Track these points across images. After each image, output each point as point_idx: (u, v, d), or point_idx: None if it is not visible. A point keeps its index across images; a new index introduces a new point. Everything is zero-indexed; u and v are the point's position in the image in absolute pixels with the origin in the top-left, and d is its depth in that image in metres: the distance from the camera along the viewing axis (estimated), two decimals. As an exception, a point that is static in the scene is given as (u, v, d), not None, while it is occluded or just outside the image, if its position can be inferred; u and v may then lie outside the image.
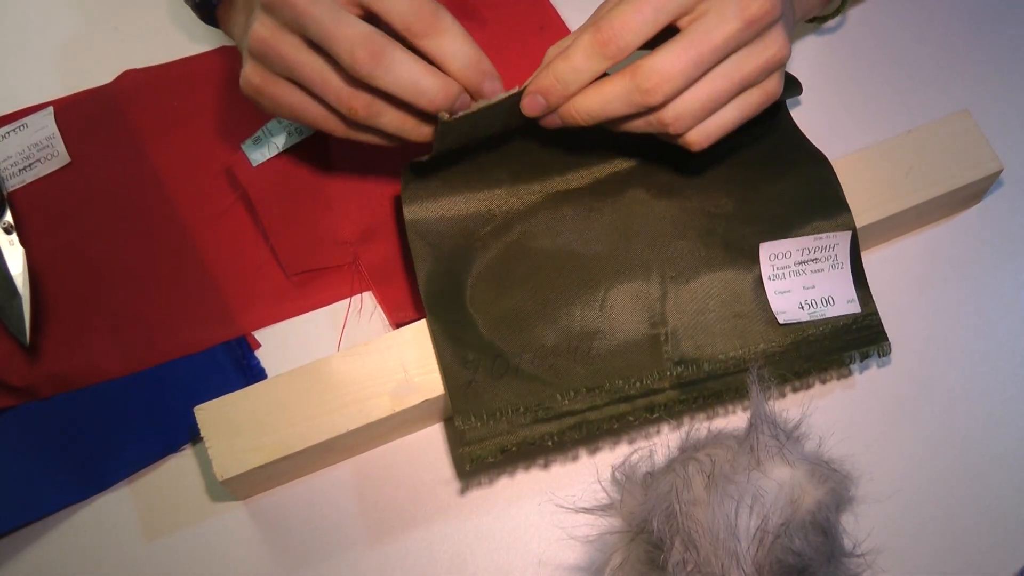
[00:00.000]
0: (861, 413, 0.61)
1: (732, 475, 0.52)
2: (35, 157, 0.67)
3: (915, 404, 0.62)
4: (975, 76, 0.70)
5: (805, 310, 0.59)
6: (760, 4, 0.52)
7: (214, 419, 0.57)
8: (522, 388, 0.57)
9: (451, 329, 0.57)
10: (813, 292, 0.59)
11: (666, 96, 0.52)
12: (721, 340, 0.58)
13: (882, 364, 0.63)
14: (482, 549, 0.59)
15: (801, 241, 0.60)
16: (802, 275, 0.59)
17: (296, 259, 0.64)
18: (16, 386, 0.61)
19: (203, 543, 0.59)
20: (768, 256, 0.59)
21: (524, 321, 0.58)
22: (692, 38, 0.52)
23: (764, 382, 0.55)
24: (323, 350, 0.63)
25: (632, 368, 0.57)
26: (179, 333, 0.63)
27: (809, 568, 0.50)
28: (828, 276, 0.60)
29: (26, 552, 0.59)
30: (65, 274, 0.64)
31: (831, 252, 0.60)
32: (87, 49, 0.72)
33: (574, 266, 0.59)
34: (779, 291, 0.59)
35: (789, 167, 0.62)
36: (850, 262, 0.60)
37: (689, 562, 0.50)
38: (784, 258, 0.59)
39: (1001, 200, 0.67)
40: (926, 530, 0.59)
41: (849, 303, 0.59)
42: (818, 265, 0.60)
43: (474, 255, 0.60)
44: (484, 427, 0.56)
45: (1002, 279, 0.65)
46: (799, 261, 0.59)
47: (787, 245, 0.59)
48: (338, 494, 0.60)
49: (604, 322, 0.58)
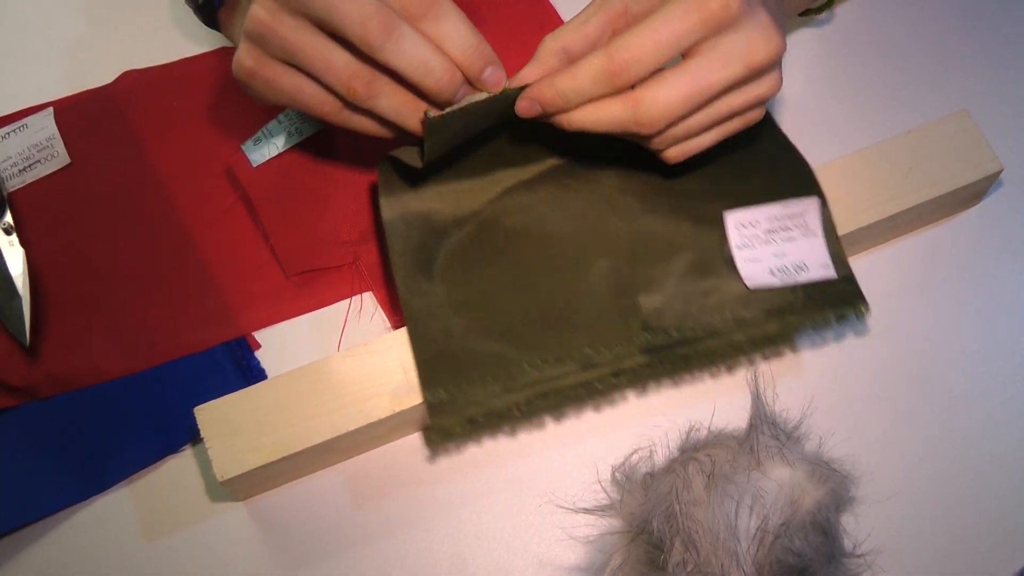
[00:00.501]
0: (861, 413, 0.61)
1: (732, 475, 0.52)
2: (35, 158, 0.67)
3: (915, 404, 0.62)
4: (975, 76, 0.70)
5: (776, 276, 0.58)
6: (766, 53, 0.53)
7: (214, 419, 0.57)
8: (490, 359, 0.57)
9: (422, 304, 0.58)
10: (785, 259, 0.59)
11: (660, 128, 0.54)
12: (690, 308, 0.58)
13: (882, 364, 0.63)
14: (482, 549, 0.59)
15: (768, 209, 0.60)
16: (772, 243, 0.59)
17: (296, 259, 0.64)
18: (16, 386, 0.61)
19: (203, 544, 0.59)
20: (735, 225, 0.59)
21: (493, 295, 0.59)
22: (695, 75, 0.52)
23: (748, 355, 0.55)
24: (323, 350, 0.63)
25: (601, 337, 0.58)
26: (179, 333, 0.63)
27: (809, 568, 0.50)
28: (800, 244, 0.59)
29: (26, 552, 0.59)
30: (65, 274, 0.64)
31: (801, 220, 0.59)
32: (87, 49, 0.72)
33: (544, 242, 0.60)
34: (749, 259, 0.59)
35: (759, 152, 0.63)
36: (822, 229, 0.59)
37: (689, 562, 0.50)
38: (752, 227, 0.59)
39: (1001, 200, 0.67)
40: (926, 530, 0.59)
41: (823, 268, 0.59)
42: (789, 233, 0.59)
43: (447, 233, 0.60)
44: (451, 399, 0.56)
45: (1002, 279, 0.65)
46: (768, 230, 0.59)
47: (754, 214, 0.59)
48: (338, 494, 0.60)
49: (573, 294, 0.58)
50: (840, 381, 0.62)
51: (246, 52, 0.55)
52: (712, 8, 0.51)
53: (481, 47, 0.54)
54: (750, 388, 0.55)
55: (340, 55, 0.53)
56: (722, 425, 0.59)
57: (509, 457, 0.61)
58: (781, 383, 0.61)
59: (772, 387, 0.59)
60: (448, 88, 0.54)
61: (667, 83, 0.53)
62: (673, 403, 0.61)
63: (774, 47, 0.53)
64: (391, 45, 0.52)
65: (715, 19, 0.52)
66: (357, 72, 0.53)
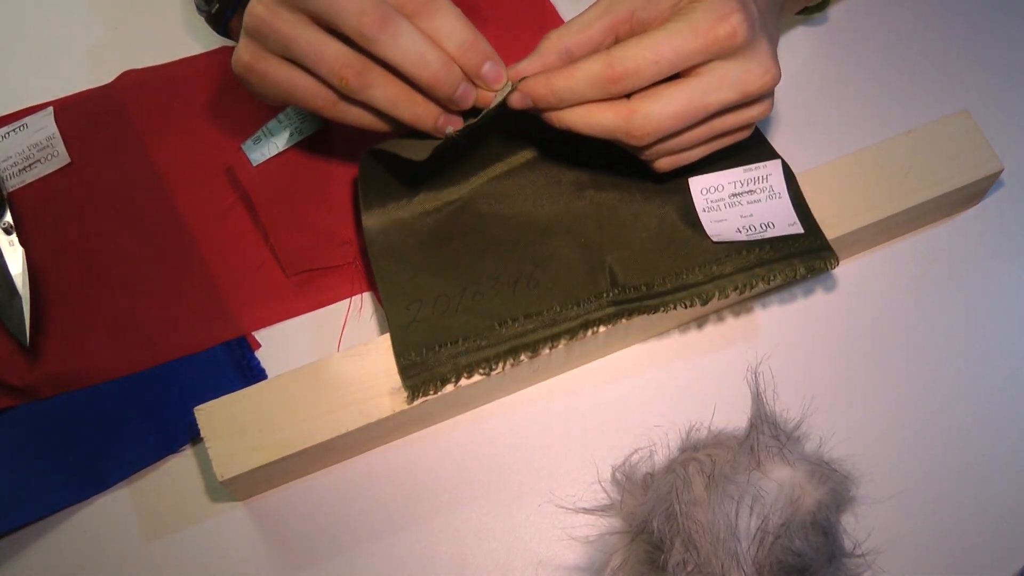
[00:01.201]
0: (861, 413, 0.61)
1: (732, 475, 0.52)
2: (35, 157, 0.67)
3: (915, 404, 0.62)
4: (975, 76, 0.70)
5: (743, 233, 0.60)
6: (762, 83, 0.54)
7: (214, 419, 0.57)
8: (461, 322, 0.58)
9: (397, 278, 0.59)
10: (751, 219, 0.60)
11: (651, 142, 0.54)
12: (658, 265, 0.59)
13: (882, 363, 0.63)
14: (482, 549, 0.59)
15: (731, 174, 0.61)
16: (738, 206, 0.60)
17: (296, 259, 0.64)
18: (16, 386, 0.61)
19: (203, 543, 0.59)
20: (700, 191, 0.61)
21: (466, 264, 0.60)
22: (691, 96, 0.53)
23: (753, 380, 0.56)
24: (323, 350, 0.63)
25: (570, 296, 0.59)
26: (179, 333, 0.63)
27: (809, 568, 0.50)
28: (766, 206, 0.60)
29: (26, 552, 0.59)
30: (65, 274, 0.64)
31: (765, 183, 0.60)
32: (87, 49, 0.72)
33: (515, 217, 0.62)
34: (715, 221, 0.60)
35: None
36: (788, 191, 0.60)
37: (689, 562, 0.50)
38: (717, 191, 0.61)
39: (1001, 200, 0.67)
40: (926, 530, 0.59)
41: (790, 225, 0.60)
42: (754, 196, 0.60)
43: (425, 222, 0.62)
44: (422, 360, 0.57)
45: (1002, 279, 0.65)
46: (733, 193, 0.61)
47: (717, 179, 0.61)
48: (338, 494, 0.60)
49: (543, 258, 0.60)
50: (840, 381, 0.62)
51: (244, 47, 0.55)
52: (719, 34, 0.52)
53: (478, 42, 0.54)
54: (750, 388, 0.55)
55: (333, 45, 0.54)
56: (722, 425, 0.59)
57: (509, 457, 0.61)
58: (781, 383, 0.61)
59: (772, 387, 0.59)
60: (445, 81, 0.54)
61: (662, 99, 0.53)
62: (673, 403, 0.61)
63: (770, 78, 0.54)
64: (387, 38, 0.52)
65: (720, 45, 0.52)
66: (349, 62, 0.54)
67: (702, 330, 0.64)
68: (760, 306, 0.64)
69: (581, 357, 0.62)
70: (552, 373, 0.62)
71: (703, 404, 0.61)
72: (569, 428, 0.61)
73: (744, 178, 0.61)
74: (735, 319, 0.64)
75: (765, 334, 0.63)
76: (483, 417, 0.62)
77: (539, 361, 0.59)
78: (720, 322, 0.64)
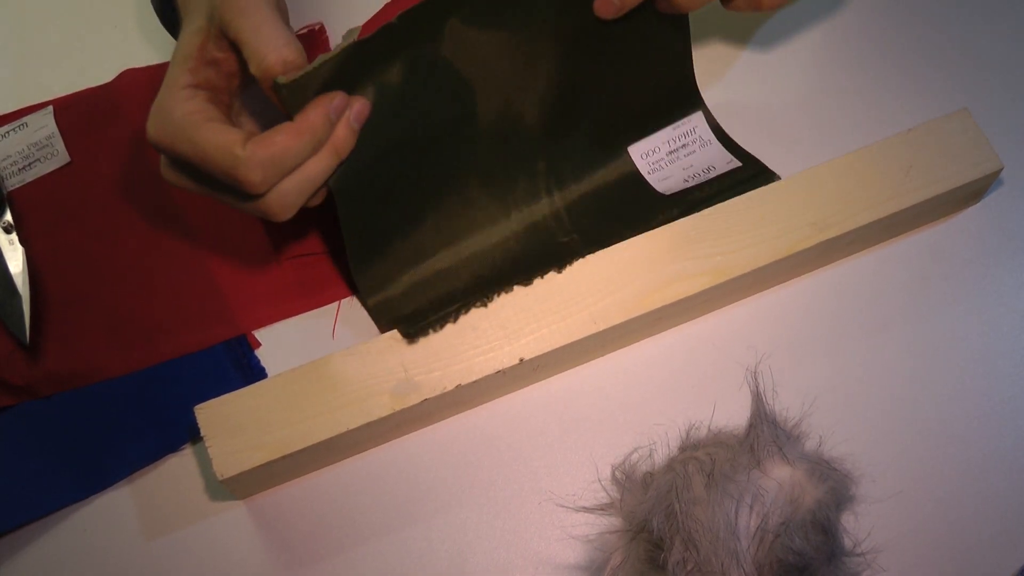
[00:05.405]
0: (861, 412, 0.61)
1: (732, 474, 0.52)
2: (35, 156, 0.67)
3: (915, 403, 0.62)
4: (975, 75, 0.70)
5: (690, 181, 0.65)
6: None
7: (214, 418, 0.57)
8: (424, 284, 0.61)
9: (362, 224, 0.59)
10: (692, 169, 0.65)
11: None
12: (615, 223, 0.63)
13: (882, 362, 0.63)
14: (482, 548, 0.59)
15: (663, 134, 0.66)
16: (677, 161, 0.65)
17: (289, 244, 0.64)
18: (16, 385, 0.61)
19: (203, 542, 0.59)
20: (639, 156, 0.65)
21: (421, 241, 0.62)
22: None
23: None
24: (323, 349, 0.63)
25: (533, 261, 0.62)
26: (179, 332, 0.63)
27: (809, 567, 0.50)
28: (700, 154, 0.65)
29: (26, 552, 0.59)
30: (65, 273, 0.64)
31: (694, 135, 0.66)
32: (87, 48, 0.72)
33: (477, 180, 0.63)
34: (661, 179, 0.65)
35: (651, 67, 0.64)
36: (714, 136, 0.66)
37: (689, 561, 0.50)
38: (655, 153, 0.65)
39: (1001, 199, 0.67)
40: (926, 529, 0.59)
41: (728, 164, 0.65)
42: (688, 149, 0.65)
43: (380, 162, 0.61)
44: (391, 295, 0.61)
45: (1002, 278, 0.65)
46: (669, 151, 0.65)
47: (653, 142, 0.65)
48: (338, 493, 0.60)
49: (503, 227, 0.63)
50: (840, 380, 0.62)
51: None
52: None
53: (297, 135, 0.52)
54: (750, 387, 0.55)
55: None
56: (722, 424, 0.59)
57: (509, 456, 0.61)
58: (781, 382, 0.61)
59: (772, 386, 0.59)
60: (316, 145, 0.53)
61: None
62: (673, 402, 0.61)
63: None
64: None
65: None
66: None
67: (702, 329, 0.64)
68: (760, 305, 0.64)
69: (581, 356, 0.62)
70: (552, 372, 0.62)
71: (703, 403, 0.61)
72: (569, 427, 0.61)
73: (674, 135, 0.65)
74: (735, 318, 0.64)
75: (765, 334, 0.63)
76: (483, 416, 0.62)
77: (539, 360, 0.59)
78: (720, 321, 0.64)
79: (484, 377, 0.58)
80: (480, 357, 0.59)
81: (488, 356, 0.59)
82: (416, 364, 0.58)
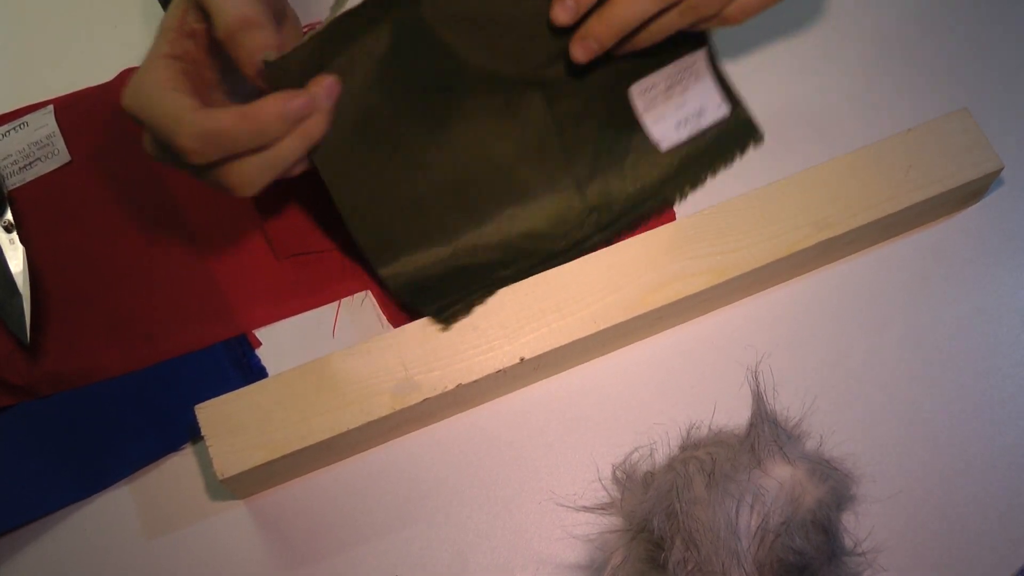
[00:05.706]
0: (861, 412, 0.61)
1: (733, 474, 0.52)
2: (35, 155, 0.67)
3: (916, 403, 0.62)
4: (975, 75, 0.70)
5: (682, 129, 0.65)
6: None
7: (214, 418, 0.57)
8: (449, 269, 0.61)
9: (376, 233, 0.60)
10: (685, 109, 0.65)
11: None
12: (622, 181, 0.64)
13: (883, 362, 0.63)
14: (482, 547, 0.59)
15: (664, 71, 0.65)
16: (672, 98, 0.65)
17: (288, 241, 0.64)
18: (16, 385, 0.61)
19: (203, 542, 0.59)
20: (638, 94, 0.65)
21: (436, 214, 0.62)
22: None
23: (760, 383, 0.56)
24: (323, 349, 0.63)
25: (555, 228, 0.63)
26: (179, 332, 0.63)
27: (810, 567, 0.50)
28: (693, 90, 0.65)
29: (26, 552, 0.59)
30: (65, 272, 0.64)
31: (691, 70, 0.65)
32: (87, 48, 0.72)
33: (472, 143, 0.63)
34: (656, 120, 0.65)
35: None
36: (709, 71, 0.65)
37: (690, 561, 0.50)
38: (653, 90, 0.65)
39: (1001, 199, 0.67)
40: (926, 529, 0.59)
41: (718, 107, 0.66)
42: (683, 84, 0.65)
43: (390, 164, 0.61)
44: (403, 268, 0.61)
45: (1002, 277, 0.65)
46: (666, 88, 0.65)
47: (653, 79, 0.65)
48: (339, 492, 0.60)
49: (520, 198, 0.63)
50: (841, 380, 0.62)
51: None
52: None
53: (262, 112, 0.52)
54: (750, 387, 0.55)
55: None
56: (722, 423, 0.59)
57: (509, 455, 0.61)
58: (781, 382, 0.61)
59: (772, 386, 0.59)
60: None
61: None
62: (674, 401, 0.61)
63: None
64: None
65: None
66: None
67: (702, 329, 0.64)
68: (760, 305, 0.64)
69: (581, 356, 0.62)
70: (553, 372, 0.62)
71: (703, 402, 0.61)
72: (569, 426, 0.61)
73: (674, 71, 0.65)
74: (735, 318, 0.64)
75: (765, 333, 0.63)
76: (483, 416, 0.62)
77: (540, 360, 0.59)
78: (720, 321, 0.64)
79: (484, 376, 0.58)
80: (480, 356, 0.59)
81: (488, 355, 0.59)
82: (416, 363, 0.58)
